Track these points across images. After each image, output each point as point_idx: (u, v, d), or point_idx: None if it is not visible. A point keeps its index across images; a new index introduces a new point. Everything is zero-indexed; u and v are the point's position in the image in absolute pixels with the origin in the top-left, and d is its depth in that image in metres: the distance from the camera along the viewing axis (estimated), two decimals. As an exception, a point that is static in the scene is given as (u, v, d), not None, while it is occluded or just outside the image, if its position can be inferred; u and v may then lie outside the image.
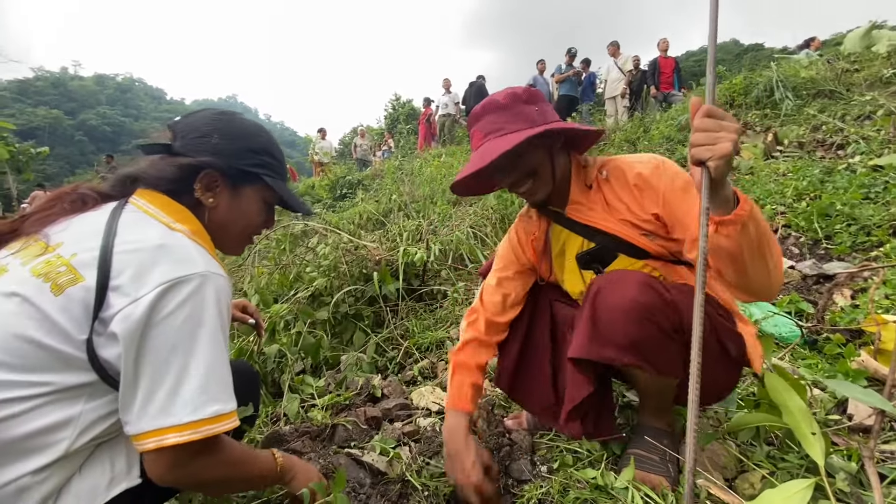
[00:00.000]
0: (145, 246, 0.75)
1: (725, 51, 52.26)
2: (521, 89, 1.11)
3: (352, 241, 2.79)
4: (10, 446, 0.67)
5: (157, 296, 0.71)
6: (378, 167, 10.52)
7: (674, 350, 0.97)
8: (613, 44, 9.00)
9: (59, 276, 0.72)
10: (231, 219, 0.96)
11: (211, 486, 0.87)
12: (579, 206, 1.16)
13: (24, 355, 0.68)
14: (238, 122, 0.99)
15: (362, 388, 1.82)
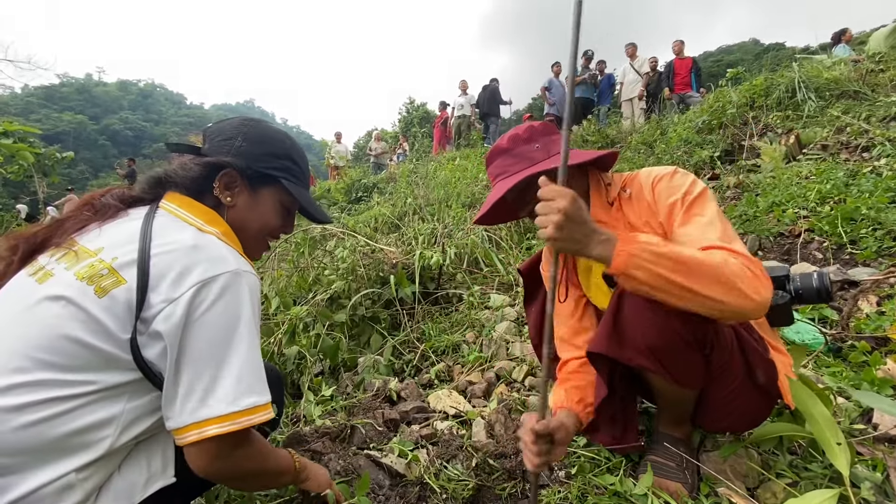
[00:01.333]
0: (180, 247, 0.79)
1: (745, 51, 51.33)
2: (523, 129, 1.17)
3: (369, 245, 2.82)
4: (56, 444, 0.71)
5: (193, 294, 0.75)
6: (393, 170, 10.59)
7: (694, 362, 0.97)
8: (631, 45, 8.92)
9: (102, 278, 0.76)
10: (248, 219, 0.99)
11: (248, 479, 0.90)
12: (602, 225, 1.16)
13: (70, 355, 0.72)
14: (263, 128, 1.03)
15: (379, 390, 1.84)
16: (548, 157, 1.11)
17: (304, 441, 1.44)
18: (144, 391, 0.78)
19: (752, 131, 4.97)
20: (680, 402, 1.09)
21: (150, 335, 0.75)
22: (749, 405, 1.02)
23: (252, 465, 0.85)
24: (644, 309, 0.93)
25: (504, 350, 2.06)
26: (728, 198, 3.91)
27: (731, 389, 0.99)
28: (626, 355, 0.97)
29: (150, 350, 0.76)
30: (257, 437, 0.87)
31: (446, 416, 1.62)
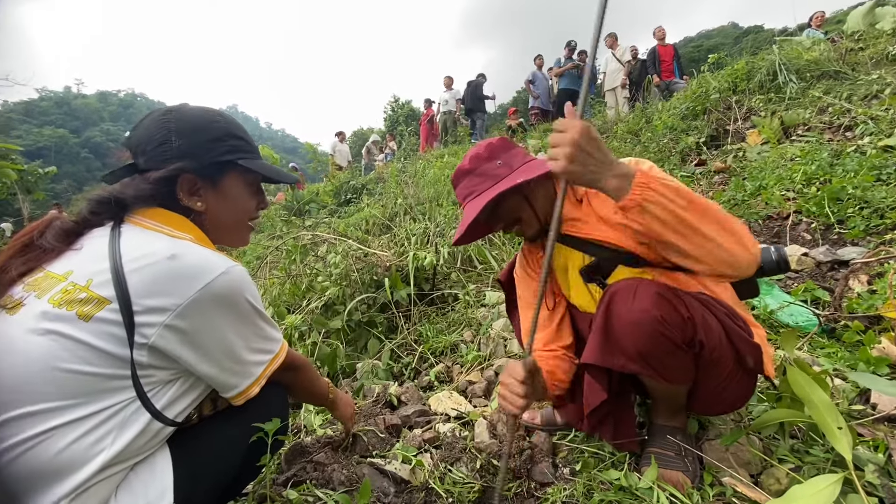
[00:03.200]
0: (157, 259, 0.77)
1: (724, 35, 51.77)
2: (482, 147, 1.19)
3: (361, 249, 2.80)
4: (47, 468, 0.69)
5: (190, 303, 0.77)
6: (381, 170, 10.52)
7: (684, 361, 0.99)
8: (611, 35, 8.94)
9: (82, 303, 0.74)
10: (224, 214, 0.97)
11: (294, 392, 1.15)
12: (573, 222, 1.18)
13: (60, 385, 0.70)
14: (189, 115, 0.95)
15: (379, 395, 1.83)
16: (511, 172, 1.13)
17: (306, 452, 1.42)
18: (137, 413, 0.77)
19: (736, 115, 5.01)
20: (673, 396, 1.11)
21: (150, 349, 0.76)
22: (739, 387, 1.04)
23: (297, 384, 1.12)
24: (632, 316, 0.95)
25: (502, 347, 2.05)
26: (715, 183, 3.94)
27: (723, 379, 1.01)
28: (619, 363, 0.98)
29: (151, 359, 0.77)
30: (301, 365, 1.11)
31: (448, 418, 1.61)
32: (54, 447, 0.69)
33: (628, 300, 0.96)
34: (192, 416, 0.92)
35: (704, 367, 1.00)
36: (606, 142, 6.34)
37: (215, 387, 0.88)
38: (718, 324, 0.97)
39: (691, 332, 0.94)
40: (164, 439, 0.85)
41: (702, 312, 0.96)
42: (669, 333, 0.93)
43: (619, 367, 0.98)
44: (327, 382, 1.29)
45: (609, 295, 1.00)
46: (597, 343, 1.00)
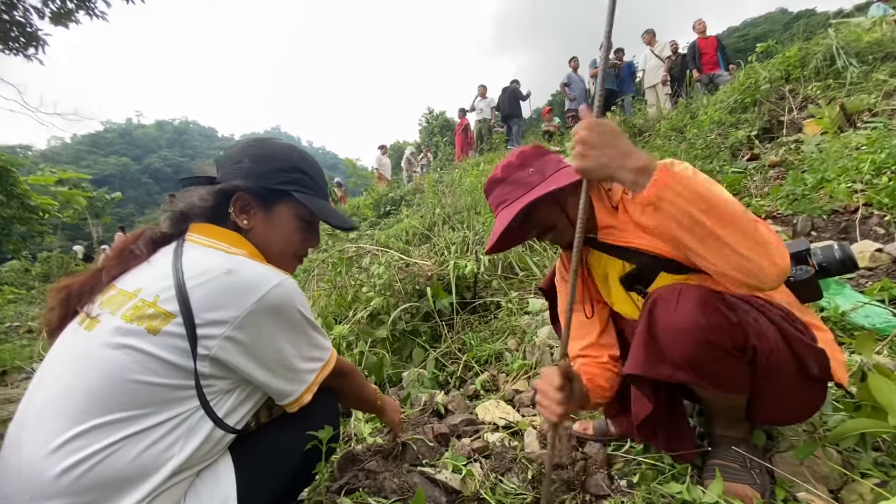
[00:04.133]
0: (216, 274, 0.83)
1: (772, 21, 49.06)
2: (515, 155, 1.19)
3: (402, 259, 2.85)
4: (124, 474, 0.74)
5: (247, 315, 0.82)
6: (418, 181, 10.68)
7: (736, 368, 0.93)
8: (648, 32, 8.69)
9: (151, 318, 0.80)
10: (268, 238, 1.01)
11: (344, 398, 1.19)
12: (610, 230, 1.15)
13: (133, 396, 0.76)
14: (269, 145, 1.05)
15: (426, 404, 1.84)
16: (544, 180, 1.12)
17: (357, 460, 1.45)
18: (201, 422, 0.82)
19: (791, 105, 4.72)
20: (730, 405, 1.05)
21: (209, 360, 0.81)
22: (805, 396, 0.97)
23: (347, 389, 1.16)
24: (676, 323, 0.90)
25: (548, 355, 2.01)
26: (771, 178, 3.72)
27: (784, 386, 0.94)
28: (666, 372, 0.93)
29: (213, 369, 0.82)
30: (349, 372, 1.15)
31: (496, 428, 1.60)
32: (129, 454, 0.74)
33: (671, 306, 0.92)
34: (251, 424, 0.97)
35: (762, 374, 0.93)
36: (649, 140, 6.13)
37: (271, 395, 0.93)
38: (773, 327, 0.91)
39: (741, 336, 0.89)
40: (226, 446, 0.90)
41: (753, 316, 0.90)
42: (717, 339, 0.87)
43: (667, 376, 0.93)
44: (375, 388, 1.33)
45: (651, 302, 0.96)
46: (640, 352, 0.96)
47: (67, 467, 0.70)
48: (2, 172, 8.88)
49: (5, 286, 9.27)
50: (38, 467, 0.71)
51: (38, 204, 10.15)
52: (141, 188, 78.89)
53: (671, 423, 1.11)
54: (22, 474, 0.72)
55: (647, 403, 1.04)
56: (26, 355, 3.58)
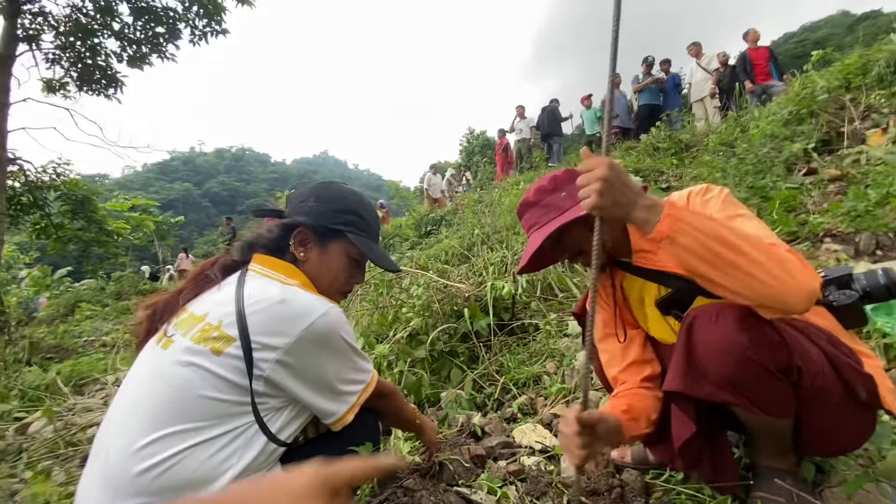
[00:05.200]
0: (271, 303, 0.93)
1: (833, 25, 46.27)
2: (547, 180, 1.21)
3: (440, 281, 2.91)
4: (188, 481, 0.83)
5: (296, 341, 0.91)
6: (459, 201, 10.83)
7: (780, 390, 0.90)
8: (695, 44, 8.48)
9: (214, 340, 0.90)
10: (320, 271, 1.11)
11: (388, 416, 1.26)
12: (643, 254, 1.15)
13: (199, 408, 0.86)
14: (334, 188, 1.17)
15: (463, 425, 1.86)
16: (576, 204, 1.12)
17: (396, 478, 1.50)
18: (256, 435, 0.91)
19: (852, 115, 4.44)
20: (775, 432, 1.01)
21: (263, 380, 0.90)
22: (853, 423, 0.93)
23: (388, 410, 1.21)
24: (716, 340, 0.89)
25: (588, 379, 1.99)
26: (831, 193, 3.50)
27: (832, 412, 0.90)
28: (706, 391, 0.92)
29: (266, 388, 0.91)
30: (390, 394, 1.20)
31: (533, 452, 1.59)
32: (194, 462, 0.83)
33: (711, 324, 0.91)
34: (300, 439, 1.05)
35: (807, 399, 0.90)
36: (696, 156, 5.94)
37: (317, 414, 1.01)
38: (818, 350, 0.88)
39: (785, 356, 0.87)
40: (277, 459, 0.98)
41: (796, 336, 0.88)
42: (759, 358, 0.86)
43: (707, 395, 0.92)
44: (414, 408, 1.38)
45: (690, 319, 0.96)
46: (680, 370, 0.95)
47: (144, 469, 0.80)
48: (84, 201, 9.88)
49: (83, 303, 10.19)
50: (120, 468, 0.81)
51: (114, 228, 11.17)
52: (201, 212, 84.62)
53: (715, 449, 1.08)
54: (107, 474, 0.83)
55: (690, 424, 1.01)
56: (101, 368, 3.92)
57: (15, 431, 2.63)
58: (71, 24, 8.26)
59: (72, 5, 8.22)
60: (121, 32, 8.66)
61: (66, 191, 9.44)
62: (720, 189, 1.04)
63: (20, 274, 13.93)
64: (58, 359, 4.79)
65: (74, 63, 8.67)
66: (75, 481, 1.75)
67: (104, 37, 8.62)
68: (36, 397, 3.20)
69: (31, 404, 3.10)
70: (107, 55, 8.80)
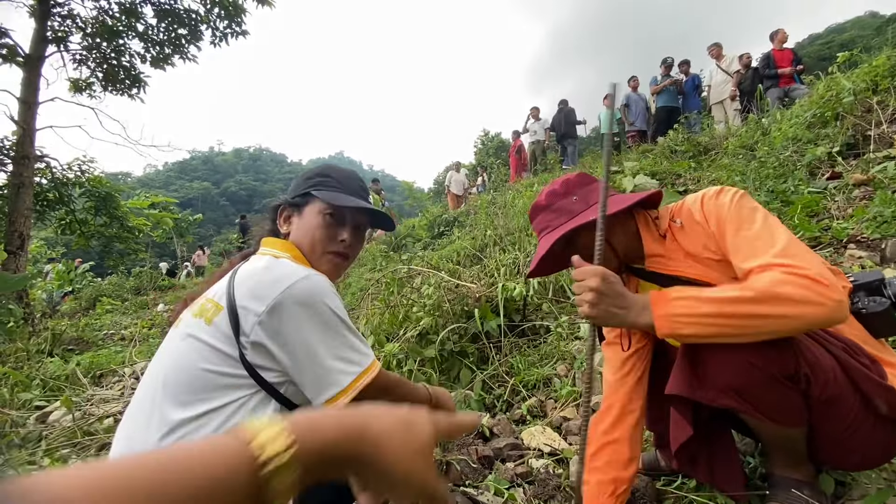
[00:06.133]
0: (255, 271, 0.96)
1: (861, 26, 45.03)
2: (559, 183, 1.20)
3: (451, 280, 2.90)
4: None
5: (276, 304, 0.89)
6: (472, 202, 10.81)
7: (788, 398, 0.88)
8: (716, 45, 8.33)
9: (207, 311, 0.95)
10: (301, 237, 1.11)
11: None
12: (658, 259, 1.13)
13: (200, 379, 0.88)
14: (310, 168, 1.23)
15: (472, 425, 1.85)
16: (587, 208, 1.12)
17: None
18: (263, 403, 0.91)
19: (880, 118, 4.30)
20: (786, 441, 0.98)
21: (252, 346, 0.89)
22: (874, 437, 0.89)
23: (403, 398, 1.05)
24: (721, 344, 0.87)
25: (599, 383, 1.96)
26: (855, 198, 3.40)
27: (848, 423, 0.87)
28: (708, 396, 0.90)
29: (257, 358, 0.90)
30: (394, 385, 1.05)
31: (541, 454, 1.58)
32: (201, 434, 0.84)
33: None
34: None
35: (818, 408, 0.87)
36: (715, 158, 5.83)
37: (307, 394, 0.93)
38: (831, 358, 0.85)
39: (791, 363, 0.84)
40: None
41: (807, 344, 0.85)
42: (763, 364, 0.84)
43: (710, 400, 0.90)
44: (422, 386, 1.25)
45: None
46: (683, 374, 0.93)
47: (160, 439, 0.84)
48: (107, 198, 10.14)
49: (104, 297, 10.44)
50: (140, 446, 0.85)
51: (135, 224, 11.43)
52: (219, 210, 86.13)
53: (715, 455, 1.06)
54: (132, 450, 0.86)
55: (687, 428, 1.00)
56: (119, 360, 4.01)
57: (35, 420, 2.70)
58: (98, 25, 8.50)
59: (98, 7, 8.47)
60: (145, 34, 8.89)
61: (90, 188, 9.70)
62: (734, 191, 1.01)
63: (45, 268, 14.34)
64: (78, 351, 4.92)
65: (100, 63, 8.93)
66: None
67: (129, 38, 8.87)
68: (56, 387, 3.29)
69: (52, 394, 3.19)
70: (131, 56, 9.05)
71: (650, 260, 1.14)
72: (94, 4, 8.40)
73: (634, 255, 1.17)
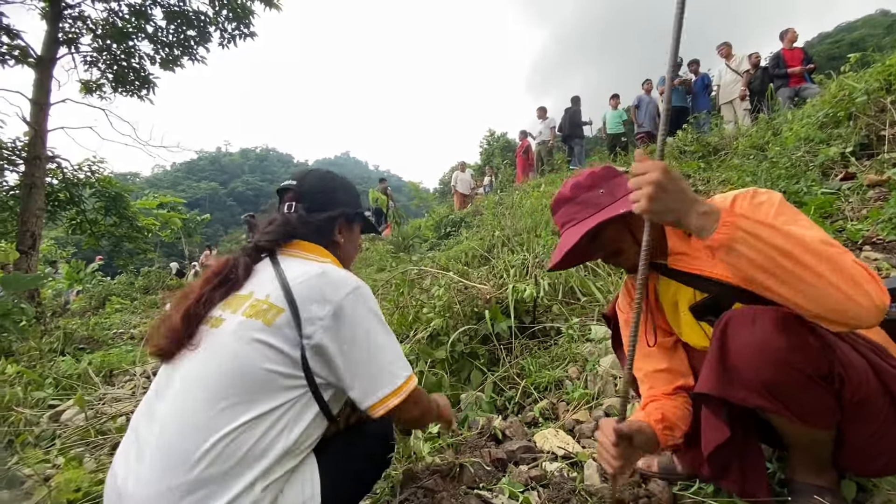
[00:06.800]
0: (311, 276, 1.01)
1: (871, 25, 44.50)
2: (584, 176, 1.18)
3: (461, 282, 2.90)
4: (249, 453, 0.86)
5: (340, 308, 0.97)
6: (479, 203, 10.79)
7: (820, 398, 0.85)
8: (725, 44, 8.26)
9: (265, 312, 0.95)
10: (349, 249, 1.28)
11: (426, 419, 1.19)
12: (681, 256, 1.11)
13: (256, 381, 0.90)
14: (343, 179, 1.33)
15: (484, 428, 1.85)
16: (614, 201, 1.11)
17: (416, 478, 1.49)
18: (309, 406, 0.96)
19: (894, 118, 4.25)
20: (813, 444, 0.96)
21: (312, 348, 0.94)
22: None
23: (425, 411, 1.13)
24: (752, 341, 0.85)
25: (612, 386, 1.95)
26: (870, 199, 3.36)
27: (876, 427, 0.85)
28: (739, 395, 0.88)
29: (315, 360, 0.95)
30: (423, 395, 1.13)
31: (555, 457, 1.57)
32: (252, 437, 0.87)
33: (747, 326, 0.87)
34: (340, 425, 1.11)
35: (849, 410, 0.86)
36: (724, 159, 5.78)
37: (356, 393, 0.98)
38: (863, 360, 0.83)
39: (825, 362, 0.83)
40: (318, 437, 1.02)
41: (839, 343, 0.84)
42: (796, 362, 0.82)
43: (741, 399, 0.88)
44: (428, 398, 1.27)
45: (724, 320, 0.92)
46: (712, 372, 0.92)
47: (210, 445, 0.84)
48: (116, 198, 10.24)
49: (113, 297, 10.54)
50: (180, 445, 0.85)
51: (144, 224, 11.53)
52: (226, 210, 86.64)
53: (747, 458, 1.04)
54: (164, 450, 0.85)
55: (723, 429, 0.96)
56: (130, 359, 4.04)
57: (49, 418, 2.73)
58: (108, 27, 8.58)
59: (108, 9, 8.55)
60: (154, 35, 8.96)
61: (100, 188, 9.81)
62: (771, 193, 0.99)
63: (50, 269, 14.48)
64: (89, 349, 4.96)
65: (110, 65, 9.01)
66: (105, 469, 1.81)
67: (138, 39, 8.94)
68: (69, 386, 3.32)
69: (65, 392, 3.22)
70: (140, 57, 9.13)
71: (673, 257, 1.13)
72: (105, 6, 8.49)
73: (657, 251, 1.15)
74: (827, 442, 0.94)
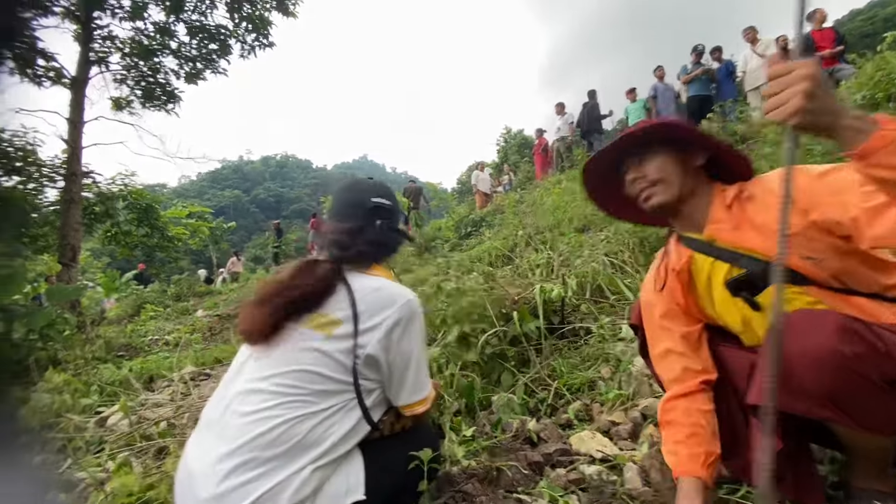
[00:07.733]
0: (369, 290, 1.15)
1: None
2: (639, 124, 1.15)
3: (488, 283, 2.89)
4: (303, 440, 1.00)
5: (393, 322, 1.12)
6: (499, 202, 10.75)
7: (885, 405, 0.82)
8: (750, 29, 7.99)
9: (327, 325, 1.10)
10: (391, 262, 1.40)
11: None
12: (720, 226, 1.07)
13: (313, 383, 1.05)
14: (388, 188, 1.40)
15: (518, 430, 1.84)
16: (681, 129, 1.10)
17: (454, 482, 1.50)
18: (352, 408, 1.09)
19: (937, 98, 4.04)
20: (876, 450, 0.93)
21: (365, 358, 1.09)
22: None
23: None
24: (815, 350, 0.81)
25: (647, 386, 1.91)
26: (914, 185, 3.20)
27: None
28: (801, 407, 0.84)
29: (365, 367, 1.09)
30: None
31: (592, 460, 1.55)
32: (306, 426, 1.01)
33: (805, 333, 0.84)
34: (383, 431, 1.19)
35: None
36: (753, 148, 5.60)
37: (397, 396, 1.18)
38: None
39: (891, 367, 0.79)
40: (360, 439, 1.12)
41: None
42: (862, 370, 0.79)
43: (803, 412, 0.85)
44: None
45: (780, 325, 0.89)
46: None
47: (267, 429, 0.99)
48: (148, 209, 10.64)
49: (148, 304, 10.93)
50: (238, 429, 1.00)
51: (174, 234, 11.93)
52: (249, 217, 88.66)
53: (799, 464, 1.01)
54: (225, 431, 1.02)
55: (776, 441, 0.94)
56: (167, 366, 4.19)
57: (95, 424, 2.85)
58: (135, 45, 8.90)
59: (135, 27, 8.87)
60: (178, 51, 9.26)
61: (132, 200, 10.19)
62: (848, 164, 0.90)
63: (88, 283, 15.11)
64: (127, 356, 5.16)
65: (138, 82, 9.36)
66: (151, 474, 1.88)
67: (163, 55, 9.25)
68: (112, 392, 3.46)
69: (108, 399, 3.36)
70: (166, 73, 9.44)
71: (713, 226, 1.09)
72: (131, 25, 8.82)
73: (696, 220, 1.12)
74: (890, 447, 0.91)
